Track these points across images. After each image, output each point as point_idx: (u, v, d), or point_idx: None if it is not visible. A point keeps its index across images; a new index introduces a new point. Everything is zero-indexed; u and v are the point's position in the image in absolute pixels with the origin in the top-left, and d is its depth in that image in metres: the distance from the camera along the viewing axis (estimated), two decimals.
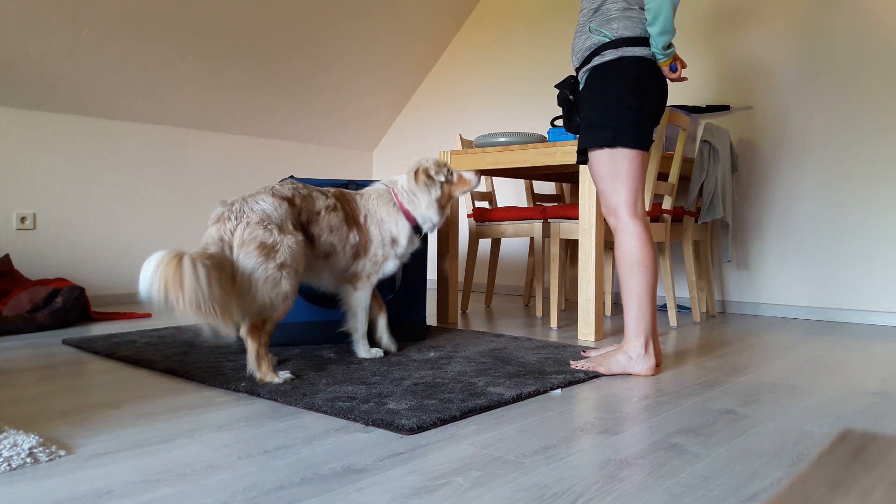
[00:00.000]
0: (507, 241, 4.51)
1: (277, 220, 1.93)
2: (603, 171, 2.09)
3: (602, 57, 2.07)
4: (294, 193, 2.05)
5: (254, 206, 1.93)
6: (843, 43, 3.27)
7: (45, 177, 3.52)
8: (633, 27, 2.06)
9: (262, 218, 1.91)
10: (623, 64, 2.05)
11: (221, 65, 3.92)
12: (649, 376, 2.06)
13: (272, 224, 1.91)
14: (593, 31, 2.09)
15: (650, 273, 2.06)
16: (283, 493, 1.13)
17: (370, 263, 2.20)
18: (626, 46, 2.05)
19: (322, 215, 2.09)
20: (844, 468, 0.51)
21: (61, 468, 1.24)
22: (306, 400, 1.68)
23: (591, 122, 2.09)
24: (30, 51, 3.24)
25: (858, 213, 3.24)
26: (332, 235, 2.10)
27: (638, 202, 2.08)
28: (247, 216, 1.90)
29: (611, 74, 2.06)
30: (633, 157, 2.06)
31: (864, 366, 2.23)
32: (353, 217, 2.18)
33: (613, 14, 2.06)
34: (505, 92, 4.54)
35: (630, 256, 2.06)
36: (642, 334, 2.06)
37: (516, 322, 3.18)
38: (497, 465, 1.28)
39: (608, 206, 2.11)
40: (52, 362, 2.18)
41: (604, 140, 2.06)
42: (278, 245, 1.89)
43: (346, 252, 2.15)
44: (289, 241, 1.91)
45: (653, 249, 2.07)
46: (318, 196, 2.11)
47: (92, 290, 3.67)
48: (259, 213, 1.91)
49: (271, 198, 1.97)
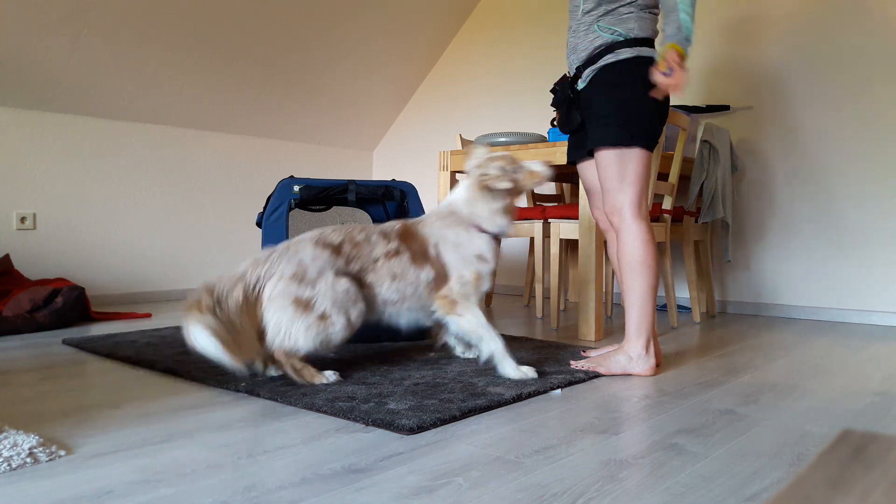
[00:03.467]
0: (507, 241, 4.51)
1: (314, 272, 1.85)
2: (611, 171, 2.07)
3: (617, 55, 2.04)
4: (343, 240, 1.93)
5: (291, 257, 1.86)
6: (845, 43, 3.27)
7: (45, 177, 3.52)
8: (647, 28, 2.06)
9: (296, 272, 1.84)
10: (639, 63, 2.03)
11: (221, 65, 3.92)
12: (649, 376, 2.06)
13: (306, 278, 1.84)
14: (603, 29, 2.07)
15: (653, 273, 2.06)
16: (283, 493, 1.13)
17: (458, 285, 1.99)
18: (641, 46, 2.05)
19: (380, 263, 1.95)
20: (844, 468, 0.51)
21: (61, 468, 1.24)
22: (306, 400, 1.68)
23: (606, 120, 2.06)
24: (30, 51, 3.24)
25: (858, 212, 3.24)
26: (396, 283, 1.96)
27: (643, 203, 2.08)
28: (281, 269, 1.85)
29: (628, 73, 2.04)
30: (643, 157, 2.06)
31: (864, 366, 2.23)
32: (421, 253, 1.99)
33: (627, 14, 2.05)
34: (505, 92, 4.54)
35: (633, 257, 2.05)
36: (644, 335, 2.06)
37: (516, 322, 3.18)
38: (497, 465, 1.28)
39: (613, 205, 2.08)
40: (52, 362, 2.18)
41: (620, 139, 2.04)
42: (314, 299, 1.83)
43: (421, 292, 1.99)
44: (326, 290, 1.84)
45: (655, 250, 2.07)
46: (377, 241, 1.97)
47: (92, 290, 3.67)
48: (294, 264, 1.85)
49: (312, 247, 1.89)
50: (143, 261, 3.89)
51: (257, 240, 4.45)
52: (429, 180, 4.94)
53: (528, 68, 4.42)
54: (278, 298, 1.83)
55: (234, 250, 4.32)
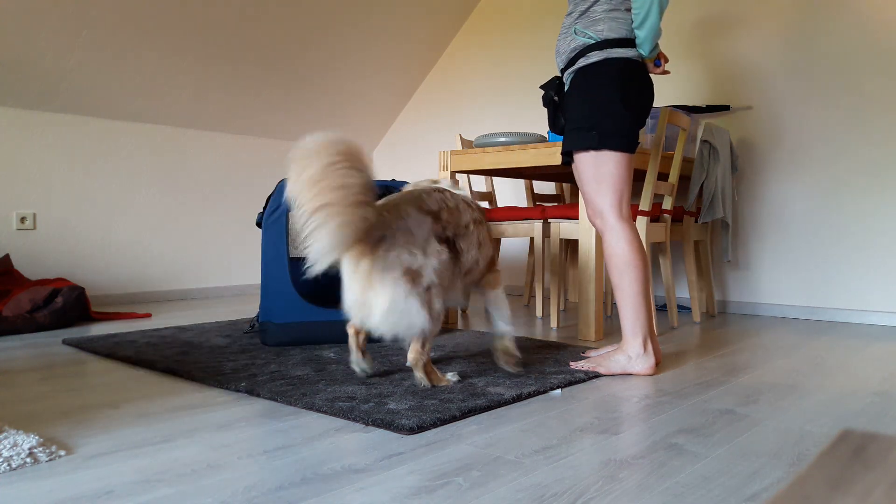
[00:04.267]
0: (507, 241, 4.51)
1: (422, 239, 1.76)
2: (588, 174, 2.11)
3: (587, 59, 2.09)
4: (441, 206, 1.88)
5: (399, 223, 1.74)
6: (843, 43, 3.27)
7: (45, 177, 3.52)
8: (619, 28, 2.08)
9: (407, 240, 1.73)
10: (608, 66, 2.07)
11: (221, 65, 3.92)
12: (649, 375, 2.06)
13: (416, 246, 1.74)
14: (578, 32, 2.11)
15: (641, 273, 2.08)
16: (283, 493, 1.13)
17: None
18: (611, 48, 2.07)
19: (471, 230, 1.94)
20: (844, 468, 0.51)
21: (61, 468, 1.24)
22: (306, 400, 1.68)
23: (577, 123, 2.11)
24: (30, 51, 3.24)
25: (859, 212, 3.24)
26: (478, 252, 1.96)
27: (623, 204, 2.10)
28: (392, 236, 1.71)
29: (596, 76, 2.08)
30: (618, 159, 2.08)
31: (864, 366, 2.23)
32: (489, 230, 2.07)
33: (599, 16, 2.08)
34: (505, 92, 4.54)
35: (620, 258, 2.08)
36: (640, 334, 2.08)
37: (516, 322, 3.18)
38: (497, 465, 1.28)
39: (594, 208, 2.12)
40: (52, 362, 2.18)
41: (589, 143, 2.08)
42: (424, 268, 1.73)
43: (481, 266, 2.01)
44: (432, 262, 1.75)
45: (641, 249, 2.09)
46: (464, 209, 1.95)
47: (92, 290, 3.67)
48: (404, 232, 1.73)
49: (417, 212, 1.80)
50: (143, 261, 3.89)
51: (257, 240, 4.46)
52: None
53: (528, 68, 4.42)
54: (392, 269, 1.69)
55: (233, 250, 4.32)
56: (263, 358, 2.20)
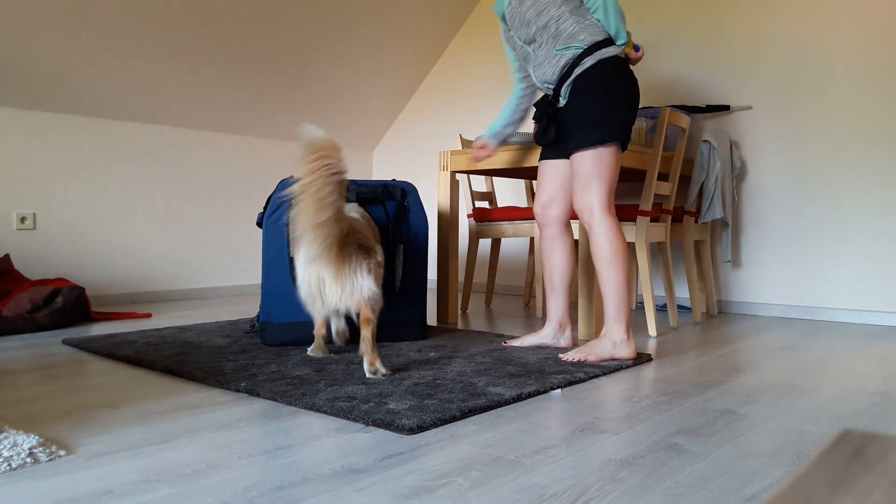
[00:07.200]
0: (507, 241, 4.51)
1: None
2: (586, 169, 2.21)
3: (582, 66, 2.21)
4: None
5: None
6: (842, 44, 3.27)
7: (45, 177, 3.52)
8: (596, 32, 2.23)
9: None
10: (603, 65, 2.21)
11: (222, 64, 3.92)
12: (633, 359, 2.20)
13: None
14: (560, 50, 2.23)
15: (625, 264, 2.22)
16: (283, 493, 1.13)
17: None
18: (599, 49, 2.21)
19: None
20: (844, 468, 0.51)
21: (61, 468, 1.24)
22: (306, 400, 1.68)
23: (581, 124, 2.22)
24: (30, 51, 3.24)
25: (860, 212, 3.24)
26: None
27: (610, 200, 2.24)
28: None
29: (597, 77, 2.20)
30: (615, 154, 2.23)
31: (864, 366, 2.24)
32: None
33: (572, 30, 2.22)
34: (505, 92, 4.54)
35: (607, 251, 2.20)
36: (623, 320, 2.22)
37: (516, 322, 3.18)
38: (497, 465, 1.28)
39: (584, 203, 2.23)
40: (52, 362, 2.18)
41: (595, 138, 2.19)
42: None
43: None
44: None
45: (625, 242, 2.25)
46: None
47: (92, 290, 3.67)
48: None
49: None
50: (143, 261, 3.89)
51: (258, 240, 4.46)
52: (429, 180, 4.94)
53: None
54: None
55: (234, 250, 4.32)
56: (263, 358, 2.20)
